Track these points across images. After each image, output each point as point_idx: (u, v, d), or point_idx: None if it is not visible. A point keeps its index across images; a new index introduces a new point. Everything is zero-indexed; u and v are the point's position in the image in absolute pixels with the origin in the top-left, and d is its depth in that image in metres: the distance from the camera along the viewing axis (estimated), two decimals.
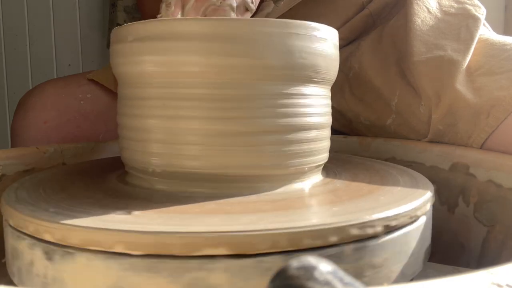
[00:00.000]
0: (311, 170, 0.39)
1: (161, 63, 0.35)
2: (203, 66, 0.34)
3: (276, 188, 0.37)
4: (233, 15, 0.44)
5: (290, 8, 0.67)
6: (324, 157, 0.40)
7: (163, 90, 0.36)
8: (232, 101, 0.34)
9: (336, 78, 0.41)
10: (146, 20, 0.36)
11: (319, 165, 0.40)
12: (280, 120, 0.35)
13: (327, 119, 0.40)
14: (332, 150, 0.42)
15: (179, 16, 0.43)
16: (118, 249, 0.27)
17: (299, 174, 0.38)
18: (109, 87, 0.71)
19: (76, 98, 0.70)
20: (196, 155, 0.35)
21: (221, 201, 0.34)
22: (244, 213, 0.31)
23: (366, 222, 0.29)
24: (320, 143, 0.39)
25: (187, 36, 0.34)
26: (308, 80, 0.37)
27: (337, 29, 0.41)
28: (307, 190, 0.38)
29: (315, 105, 0.38)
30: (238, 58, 0.34)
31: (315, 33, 0.36)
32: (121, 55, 0.38)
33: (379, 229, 0.30)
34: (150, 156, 0.36)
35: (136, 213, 0.31)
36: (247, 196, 0.35)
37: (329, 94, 0.41)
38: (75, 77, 0.76)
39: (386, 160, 0.56)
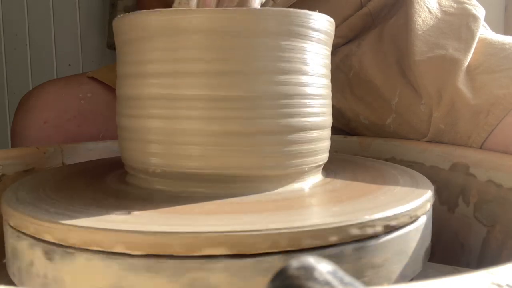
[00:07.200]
0: (311, 170, 0.39)
1: (163, 58, 0.35)
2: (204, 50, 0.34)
3: (276, 188, 0.37)
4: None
5: (288, 6, 0.67)
6: (324, 157, 0.40)
7: (162, 88, 0.36)
8: (232, 100, 0.35)
9: (337, 78, 0.41)
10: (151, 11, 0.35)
11: (319, 165, 0.40)
12: (281, 120, 0.35)
13: (328, 120, 0.40)
14: (332, 150, 0.42)
15: (194, 5, 0.42)
16: (118, 249, 0.27)
17: (299, 174, 0.38)
18: (109, 84, 0.70)
19: (76, 97, 0.70)
20: (195, 155, 0.35)
21: (221, 201, 0.34)
22: (244, 213, 0.31)
23: (366, 222, 0.29)
24: (321, 143, 0.39)
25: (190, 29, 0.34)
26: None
27: (335, 26, 0.41)
28: (307, 190, 0.38)
29: (315, 104, 0.38)
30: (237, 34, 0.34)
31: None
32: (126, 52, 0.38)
33: (379, 229, 0.30)
34: (149, 156, 0.36)
35: (136, 213, 0.31)
36: (247, 196, 0.35)
37: (330, 93, 0.41)
38: (76, 77, 0.76)
39: (386, 160, 0.56)
